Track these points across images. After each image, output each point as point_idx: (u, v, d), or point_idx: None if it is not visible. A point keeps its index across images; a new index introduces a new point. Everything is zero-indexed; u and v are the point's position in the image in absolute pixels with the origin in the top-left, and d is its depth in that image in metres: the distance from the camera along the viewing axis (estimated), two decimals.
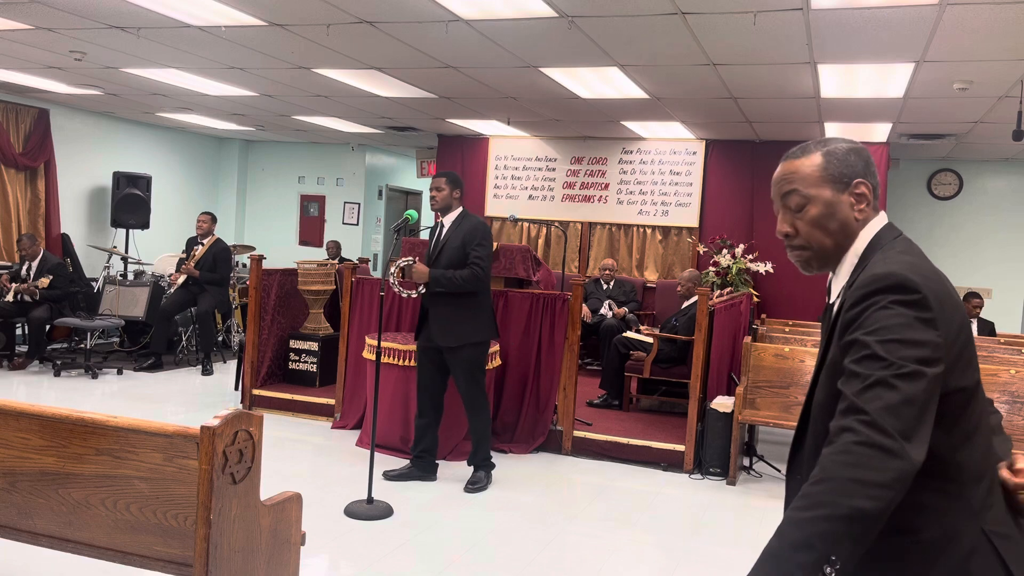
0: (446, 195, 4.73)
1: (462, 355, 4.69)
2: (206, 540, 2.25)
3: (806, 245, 1.52)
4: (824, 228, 1.50)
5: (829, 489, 1.22)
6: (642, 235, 9.49)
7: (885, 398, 1.25)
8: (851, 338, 1.34)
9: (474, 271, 4.61)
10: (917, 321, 1.30)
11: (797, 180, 1.52)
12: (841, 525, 1.20)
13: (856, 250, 1.49)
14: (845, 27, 4.61)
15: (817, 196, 1.50)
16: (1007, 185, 9.23)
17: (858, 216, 1.50)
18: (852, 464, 1.22)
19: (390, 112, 8.57)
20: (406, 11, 4.81)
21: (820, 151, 1.52)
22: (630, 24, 4.80)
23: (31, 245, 7.77)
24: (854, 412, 1.26)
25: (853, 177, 1.50)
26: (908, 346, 1.28)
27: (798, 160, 1.53)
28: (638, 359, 6.72)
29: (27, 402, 2.62)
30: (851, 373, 1.31)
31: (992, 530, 1.37)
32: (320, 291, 6.84)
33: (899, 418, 1.24)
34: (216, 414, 2.31)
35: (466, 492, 4.76)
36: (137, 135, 10.74)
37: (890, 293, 1.33)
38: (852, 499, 1.20)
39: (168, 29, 5.57)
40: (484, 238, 4.71)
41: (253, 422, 2.42)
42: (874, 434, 1.23)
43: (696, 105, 7.19)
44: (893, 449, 1.22)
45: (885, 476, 1.21)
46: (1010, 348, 6.31)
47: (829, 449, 1.26)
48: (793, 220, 1.53)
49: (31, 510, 2.55)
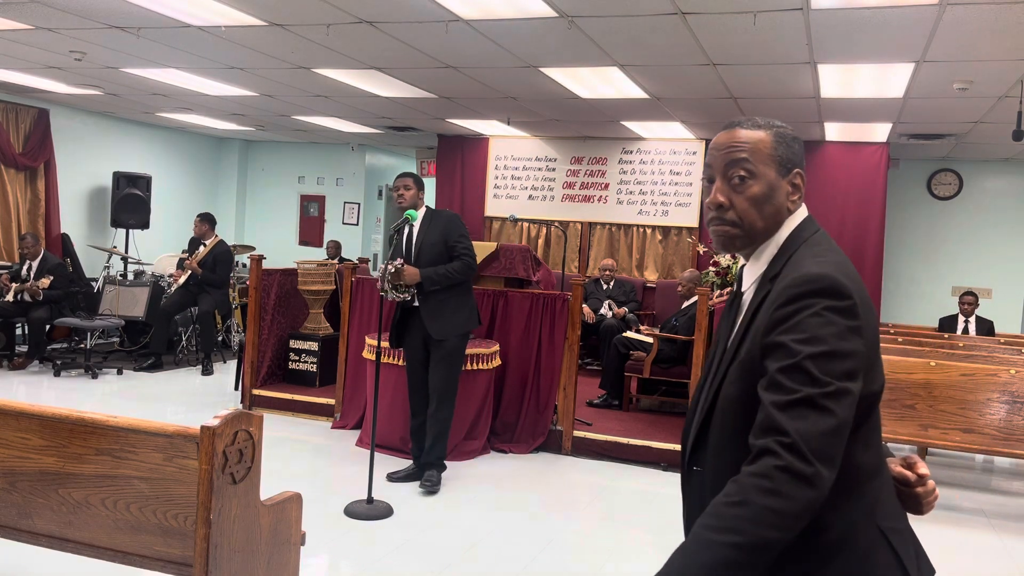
0: (413, 194, 4.73)
1: (447, 346, 4.68)
2: (206, 540, 2.25)
3: (738, 222, 1.45)
4: (759, 209, 1.44)
5: (744, 515, 1.20)
6: (642, 235, 9.49)
7: (810, 420, 1.22)
8: (777, 340, 1.29)
9: (465, 261, 4.64)
10: (847, 331, 1.28)
11: (748, 151, 1.44)
12: (749, 555, 1.20)
13: (778, 240, 1.45)
14: (845, 27, 4.61)
15: (763, 174, 1.44)
16: (1007, 185, 9.23)
17: (790, 206, 1.47)
18: (770, 491, 1.20)
19: (390, 112, 8.57)
20: (406, 11, 4.81)
21: (770, 129, 1.47)
22: (630, 24, 4.80)
23: (34, 244, 7.78)
24: (776, 432, 1.23)
25: (795, 165, 1.48)
26: (837, 359, 1.26)
27: (747, 131, 1.46)
28: (638, 359, 6.72)
29: (27, 402, 2.62)
30: (775, 382, 1.27)
31: (887, 526, 1.37)
32: (320, 291, 6.84)
33: (820, 443, 1.22)
34: (216, 414, 2.31)
35: (422, 493, 4.66)
36: (137, 135, 10.74)
37: (823, 297, 1.29)
38: (765, 529, 1.19)
39: (168, 29, 5.57)
40: (463, 228, 4.77)
41: (253, 422, 2.42)
42: (794, 460, 1.20)
43: (696, 105, 7.19)
44: (810, 477, 1.20)
45: (798, 506, 1.20)
46: (1010, 348, 6.32)
47: (749, 469, 1.24)
48: (730, 193, 1.45)
49: (31, 510, 2.54)
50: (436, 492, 4.72)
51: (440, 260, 4.64)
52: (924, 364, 4.92)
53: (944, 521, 4.82)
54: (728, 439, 1.39)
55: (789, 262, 1.40)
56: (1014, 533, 4.71)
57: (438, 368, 4.71)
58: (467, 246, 4.69)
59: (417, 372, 4.82)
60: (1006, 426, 4.79)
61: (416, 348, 4.77)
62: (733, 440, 1.38)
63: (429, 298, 4.63)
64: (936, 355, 5.44)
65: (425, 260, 4.65)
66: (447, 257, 4.65)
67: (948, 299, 9.10)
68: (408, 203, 4.72)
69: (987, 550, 4.43)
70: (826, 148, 8.74)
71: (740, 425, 1.36)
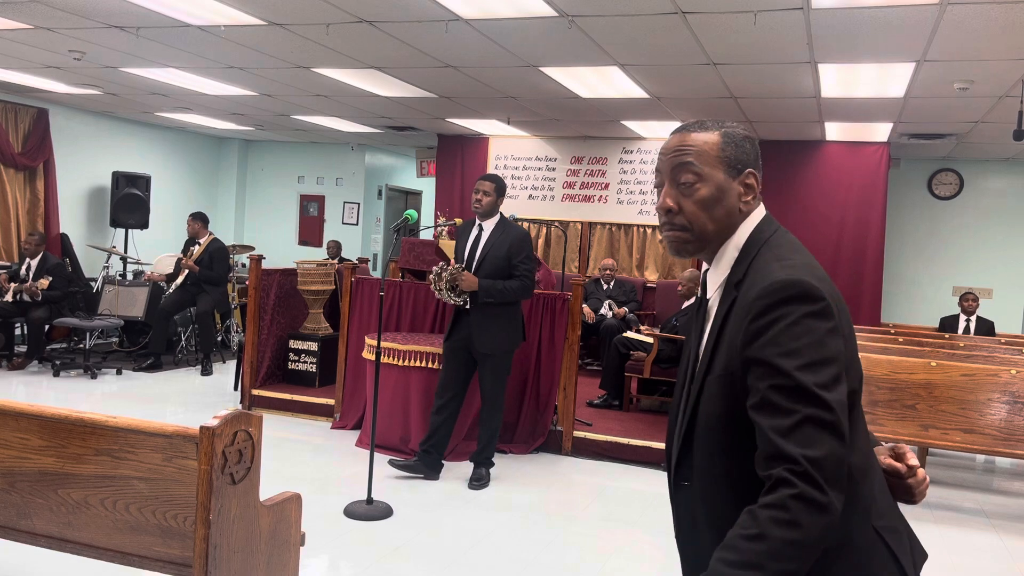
0: (492, 201, 4.71)
1: (495, 360, 4.74)
2: (206, 540, 2.24)
3: (687, 226, 1.43)
4: (709, 212, 1.42)
5: (764, 550, 1.19)
6: (642, 235, 9.49)
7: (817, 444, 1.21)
8: (759, 356, 1.27)
9: (524, 283, 4.66)
10: (827, 333, 1.26)
11: (693, 154, 1.43)
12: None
13: (736, 242, 1.43)
14: (845, 27, 4.61)
15: (711, 176, 1.42)
16: (1007, 185, 9.23)
17: (743, 207, 1.44)
18: (787, 523, 1.19)
19: (390, 112, 8.56)
20: (406, 11, 4.81)
21: (718, 130, 1.45)
22: (630, 24, 4.79)
23: (40, 242, 7.77)
24: (786, 460, 1.21)
25: (746, 166, 1.44)
26: (824, 367, 1.24)
27: (695, 133, 1.45)
28: (638, 359, 6.72)
29: (26, 402, 2.62)
30: (769, 403, 1.25)
31: (882, 525, 1.36)
32: (320, 291, 6.83)
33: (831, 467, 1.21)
34: (215, 414, 2.30)
35: (471, 489, 4.79)
36: (137, 135, 10.73)
37: (797, 304, 1.27)
38: (786, 563, 1.19)
39: (168, 29, 5.56)
40: (531, 249, 4.78)
41: (252, 422, 2.41)
42: (808, 488, 1.20)
43: (696, 105, 7.18)
44: (825, 505, 1.20)
45: (816, 535, 1.20)
46: (1010, 348, 6.31)
47: (765, 500, 1.22)
48: (679, 197, 1.44)
49: (30, 510, 2.54)
50: (484, 488, 4.85)
51: (500, 274, 4.65)
52: (925, 364, 4.92)
53: (945, 521, 4.81)
54: (716, 456, 1.38)
55: (752, 266, 1.38)
56: (1015, 533, 4.71)
57: (487, 377, 4.79)
58: (530, 268, 4.71)
59: (452, 369, 4.83)
60: (1007, 426, 4.78)
61: (461, 348, 4.79)
62: (721, 457, 1.37)
63: (481, 310, 4.64)
64: (937, 355, 5.43)
65: (487, 270, 4.66)
66: (507, 273, 4.65)
67: (949, 299, 9.10)
68: (485, 209, 4.70)
69: (988, 550, 4.42)
70: (826, 148, 8.74)
71: (727, 442, 1.35)
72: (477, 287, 4.59)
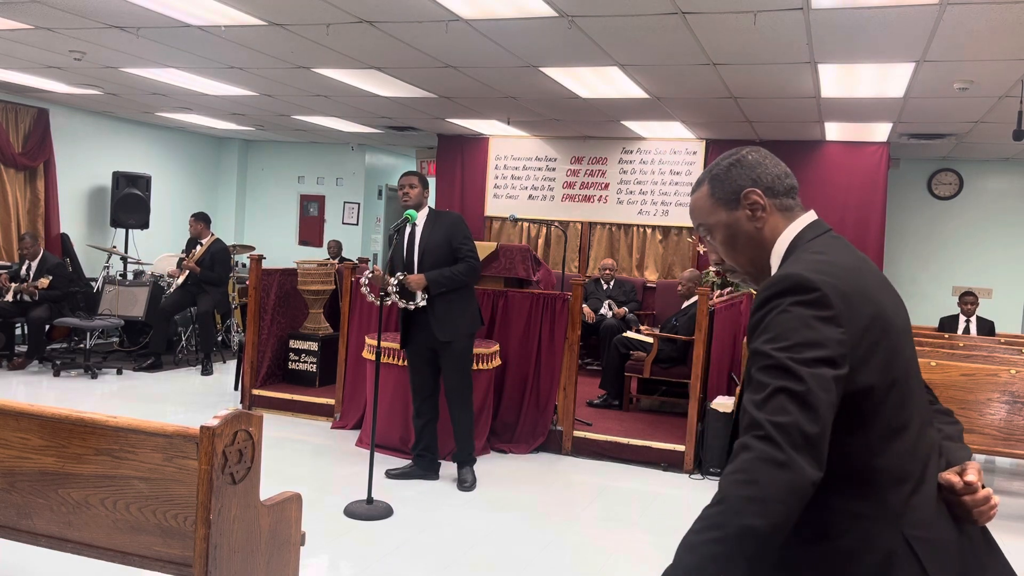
0: (419, 192, 4.73)
1: (456, 348, 4.70)
2: (206, 540, 2.25)
3: (734, 268, 1.55)
4: (733, 248, 1.52)
5: (722, 510, 1.20)
6: (642, 235, 9.49)
7: (782, 409, 1.22)
8: (753, 347, 1.32)
9: (470, 263, 4.66)
10: (816, 320, 1.27)
11: (696, 214, 1.56)
12: (732, 546, 1.18)
13: (777, 254, 1.47)
14: (845, 27, 4.61)
15: (716, 223, 1.52)
16: (1007, 185, 9.23)
17: (759, 225, 1.48)
18: (745, 482, 1.20)
19: (390, 112, 8.56)
20: (406, 11, 4.81)
21: (707, 179, 1.53)
22: (630, 24, 4.79)
23: (33, 244, 7.78)
24: (753, 427, 1.24)
25: (739, 190, 1.49)
26: (806, 348, 1.25)
27: (694, 196, 1.57)
28: (638, 359, 6.72)
29: (27, 402, 2.62)
30: (752, 382, 1.29)
31: (913, 534, 1.33)
32: (320, 291, 6.83)
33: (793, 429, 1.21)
34: (216, 414, 2.30)
35: (460, 491, 4.77)
36: (137, 135, 10.73)
37: (787, 295, 1.30)
38: (743, 517, 1.18)
39: (168, 29, 5.56)
40: (468, 230, 4.78)
41: (253, 422, 2.42)
42: (768, 448, 1.20)
43: (696, 105, 7.19)
44: (783, 462, 1.19)
45: (778, 490, 1.19)
46: (1010, 348, 6.31)
47: (728, 467, 1.25)
48: (713, 249, 1.57)
49: (31, 510, 2.54)
50: (474, 488, 4.81)
51: (445, 262, 4.65)
52: (925, 364, 4.91)
53: None
54: None
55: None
56: (1015, 533, 4.71)
57: (450, 371, 4.74)
58: (472, 248, 4.70)
59: (421, 373, 4.82)
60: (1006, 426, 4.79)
61: (421, 350, 4.77)
62: None
63: (435, 301, 4.63)
64: (937, 355, 5.43)
65: (430, 262, 4.66)
66: (451, 259, 4.66)
67: (948, 299, 9.10)
68: (413, 202, 4.72)
69: None
70: (826, 148, 8.74)
71: None
72: (427, 282, 4.58)
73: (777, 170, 1.51)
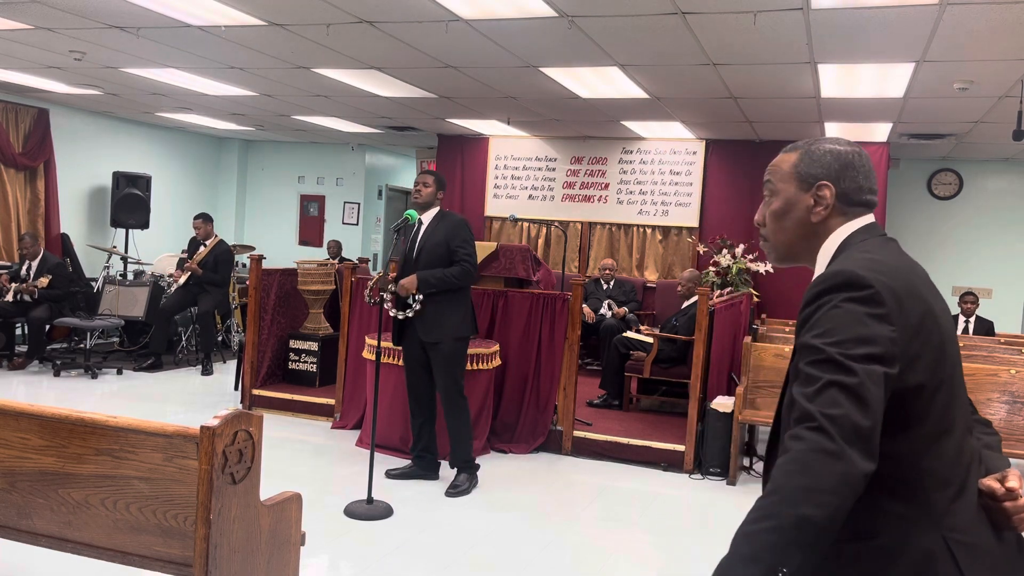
0: (431, 192, 4.71)
1: (444, 349, 4.63)
2: (206, 540, 2.25)
3: (767, 236, 1.56)
4: (779, 223, 1.53)
5: (777, 500, 1.21)
6: (642, 235, 9.49)
7: (834, 401, 1.23)
8: (802, 341, 1.33)
9: (464, 267, 4.59)
10: (868, 317, 1.28)
11: (774, 172, 1.55)
12: (788, 535, 1.19)
13: (827, 250, 1.48)
14: (845, 27, 4.61)
15: (782, 190, 1.53)
16: (1007, 185, 9.23)
17: (813, 218, 1.49)
18: (798, 472, 1.21)
19: (390, 112, 8.57)
20: (406, 11, 4.81)
21: (803, 149, 1.53)
22: (630, 24, 4.79)
23: (32, 244, 7.78)
24: (805, 419, 1.24)
25: (818, 179, 1.49)
26: (858, 344, 1.26)
27: (782, 155, 1.56)
28: (638, 359, 6.72)
29: (27, 402, 2.62)
30: (803, 377, 1.29)
31: (953, 537, 1.34)
32: (320, 291, 6.84)
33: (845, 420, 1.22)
34: (216, 414, 2.31)
35: (447, 496, 4.66)
36: (137, 135, 10.73)
37: (840, 291, 1.31)
38: (798, 507, 1.19)
39: (168, 29, 5.56)
40: (469, 234, 4.71)
41: (253, 422, 2.42)
42: (821, 439, 1.21)
43: (696, 105, 7.19)
44: (836, 453, 1.20)
45: (830, 481, 1.19)
46: (1010, 348, 6.32)
47: (781, 459, 1.25)
48: (763, 210, 1.57)
49: (31, 510, 2.54)
50: (466, 494, 4.71)
51: (441, 263, 4.61)
52: None
53: None
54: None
55: None
56: None
57: (439, 373, 4.69)
58: (469, 252, 4.63)
59: (415, 373, 4.80)
60: (1006, 426, 4.79)
61: (414, 350, 4.75)
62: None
63: (425, 302, 4.59)
64: None
65: (425, 261, 4.63)
66: (448, 260, 4.62)
67: (948, 299, 9.07)
68: (423, 200, 4.71)
69: None
70: None
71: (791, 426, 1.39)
72: (417, 284, 4.53)
73: (863, 181, 1.50)
